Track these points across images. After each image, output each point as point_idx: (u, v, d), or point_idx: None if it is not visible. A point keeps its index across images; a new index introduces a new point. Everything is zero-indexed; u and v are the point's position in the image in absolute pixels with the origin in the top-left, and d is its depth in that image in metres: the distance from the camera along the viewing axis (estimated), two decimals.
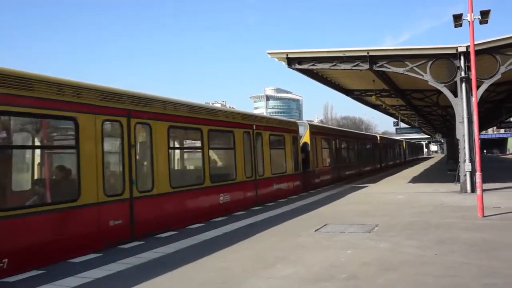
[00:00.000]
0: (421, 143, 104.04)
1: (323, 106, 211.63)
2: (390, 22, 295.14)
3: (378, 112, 40.10)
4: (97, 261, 7.44)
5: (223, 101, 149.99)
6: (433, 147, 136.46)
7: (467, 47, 14.90)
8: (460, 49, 15.42)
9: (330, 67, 17.48)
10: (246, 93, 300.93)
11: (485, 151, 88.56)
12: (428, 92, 24.37)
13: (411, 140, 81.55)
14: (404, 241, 8.24)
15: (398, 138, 59.81)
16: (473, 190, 14.87)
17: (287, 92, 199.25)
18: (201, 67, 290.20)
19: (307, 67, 17.65)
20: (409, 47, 16.47)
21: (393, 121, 41.74)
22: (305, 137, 21.16)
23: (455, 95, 16.17)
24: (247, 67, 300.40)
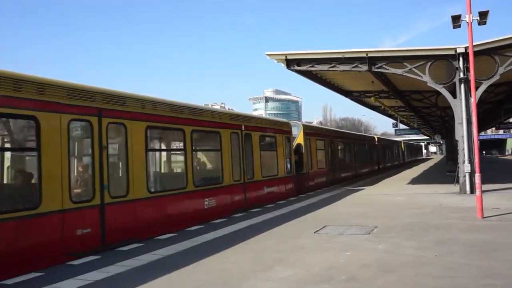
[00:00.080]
0: (420, 144, 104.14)
1: (322, 107, 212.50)
2: (389, 23, 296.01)
3: (377, 113, 40.14)
4: (96, 263, 7.43)
5: (222, 103, 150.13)
6: (432, 148, 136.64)
7: (466, 48, 14.91)
8: (458, 50, 15.45)
9: (329, 69, 17.50)
10: (245, 94, 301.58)
11: (484, 152, 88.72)
12: (427, 93, 24.39)
13: (410, 141, 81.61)
14: (403, 242, 8.23)
15: (396, 139, 59.72)
16: (473, 191, 14.86)
17: (286, 93, 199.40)
18: (200, 68, 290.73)
19: (306, 68, 17.66)
20: (408, 48, 16.49)
21: (392, 122, 41.70)
22: (299, 138, 20.62)
23: (454, 96, 16.19)
24: (247, 69, 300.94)
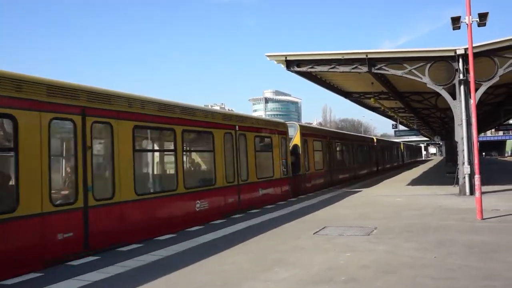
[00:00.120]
0: (420, 145, 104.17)
1: (322, 108, 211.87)
2: (389, 25, 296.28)
3: (377, 114, 40.16)
4: (95, 263, 7.43)
5: (222, 104, 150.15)
6: (432, 150, 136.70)
7: (466, 50, 14.92)
8: (458, 52, 15.46)
9: (328, 70, 17.51)
10: (245, 95, 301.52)
11: (483, 154, 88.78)
12: (426, 94, 24.41)
13: (410, 142, 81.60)
14: (403, 244, 8.23)
15: (396, 140, 59.66)
16: (472, 192, 14.86)
17: (286, 94, 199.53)
18: (200, 69, 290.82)
19: (306, 69, 17.67)
20: (407, 50, 16.49)
21: (392, 124, 41.67)
22: (296, 139, 20.30)
23: (454, 97, 16.20)
24: (246, 70, 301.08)
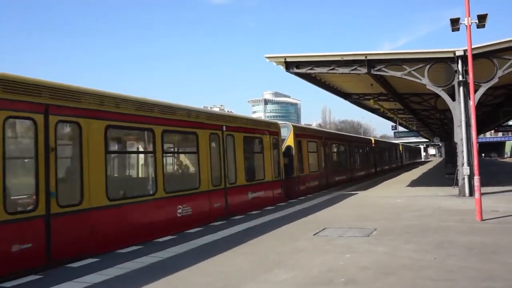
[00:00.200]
0: (419, 146, 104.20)
1: (321, 110, 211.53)
2: (388, 26, 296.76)
3: (376, 116, 40.16)
4: (94, 265, 7.42)
5: (221, 105, 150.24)
6: (431, 151, 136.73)
7: (465, 51, 14.95)
8: (457, 53, 15.48)
9: (328, 71, 17.52)
10: (244, 97, 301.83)
11: (483, 155, 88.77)
12: (426, 96, 24.41)
13: (409, 143, 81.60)
14: (402, 245, 8.23)
15: (395, 141, 59.57)
16: (472, 193, 14.87)
17: (286, 96, 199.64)
18: (200, 70, 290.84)
19: (305, 71, 17.67)
20: (407, 51, 16.52)
21: (392, 125, 41.69)
22: (289, 140, 19.59)
23: (453, 98, 16.22)
24: (246, 71, 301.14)
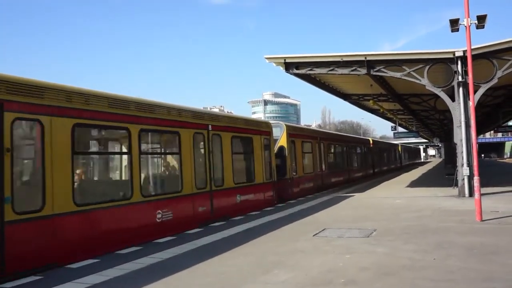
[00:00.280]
0: (418, 147, 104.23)
1: (321, 110, 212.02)
2: (388, 27, 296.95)
3: (376, 116, 40.17)
4: (94, 266, 7.41)
5: (221, 106, 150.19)
6: (431, 152, 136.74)
7: (464, 52, 14.96)
8: (457, 54, 15.49)
9: (327, 72, 17.52)
10: (244, 98, 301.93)
11: (482, 155, 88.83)
12: (425, 96, 24.43)
13: (409, 144, 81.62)
14: (402, 246, 8.23)
15: (394, 142, 59.42)
16: (471, 194, 14.88)
17: (285, 97, 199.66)
18: (200, 71, 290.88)
19: (305, 72, 17.67)
20: (406, 52, 16.52)
21: (391, 126, 41.73)
22: (282, 140, 18.84)
23: (453, 99, 16.22)
24: (246, 72, 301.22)
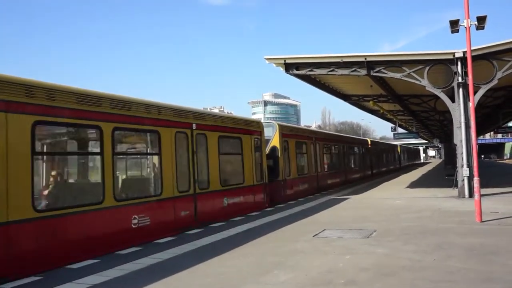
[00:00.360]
0: (418, 148, 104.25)
1: (321, 111, 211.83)
2: (387, 28, 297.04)
3: (376, 117, 40.22)
4: (94, 267, 7.42)
5: (221, 106, 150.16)
6: (431, 152, 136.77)
7: (464, 53, 14.98)
8: (457, 55, 15.50)
9: (327, 73, 17.54)
10: (244, 98, 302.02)
11: (482, 156, 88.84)
12: (425, 97, 24.46)
13: (409, 145, 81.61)
14: (402, 246, 8.24)
15: (393, 143, 59.23)
16: (471, 195, 14.89)
17: (285, 97, 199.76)
18: (200, 72, 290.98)
19: (305, 72, 17.69)
20: (406, 53, 16.54)
21: (391, 126, 41.81)
22: (274, 140, 18.16)
23: (453, 100, 16.24)
24: (246, 73, 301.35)
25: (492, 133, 79.89)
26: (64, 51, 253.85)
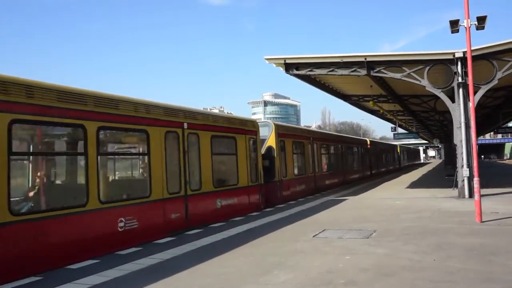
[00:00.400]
0: (418, 148, 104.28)
1: (321, 111, 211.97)
2: (387, 28, 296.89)
3: (376, 117, 40.23)
4: (94, 267, 7.42)
5: (221, 107, 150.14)
6: (431, 153, 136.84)
7: (464, 53, 14.99)
8: (457, 55, 15.50)
9: (327, 73, 17.55)
10: (244, 98, 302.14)
11: (482, 157, 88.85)
12: (425, 97, 24.48)
13: (409, 145, 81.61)
14: (402, 247, 8.24)
15: (393, 143, 59.13)
16: (471, 195, 14.89)
17: (285, 97, 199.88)
18: (200, 73, 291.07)
19: (305, 72, 17.69)
20: (406, 53, 16.55)
21: (391, 127, 41.84)
22: (270, 140, 17.74)
23: (453, 100, 16.24)
24: (246, 73, 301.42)
25: (492, 133, 79.98)
26: (64, 51, 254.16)
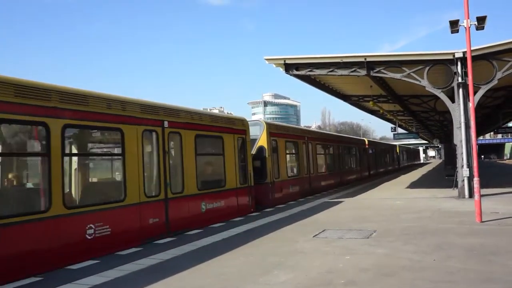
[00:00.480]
0: (418, 148, 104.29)
1: (321, 111, 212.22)
2: (387, 28, 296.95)
3: (376, 117, 40.23)
4: (95, 267, 7.42)
5: (221, 107, 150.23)
6: (431, 153, 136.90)
7: (464, 53, 14.99)
8: (457, 55, 15.50)
9: (327, 73, 17.55)
10: (244, 99, 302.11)
11: (482, 157, 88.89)
12: (425, 97, 24.48)
13: (408, 145, 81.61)
14: (402, 247, 8.24)
15: (392, 143, 59.00)
16: (471, 195, 14.90)
17: (285, 98, 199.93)
18: (199, 73, 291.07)
19: (305, 73, 17.70)
20: (406, 53, 16.56)
21: (391, 127, 41.85)
22: (261, 140, 17.13)
23: (453, 100, 16.24)
24: (246, 74, 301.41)
25: (492, 133, 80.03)
26: (64, 51, 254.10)
